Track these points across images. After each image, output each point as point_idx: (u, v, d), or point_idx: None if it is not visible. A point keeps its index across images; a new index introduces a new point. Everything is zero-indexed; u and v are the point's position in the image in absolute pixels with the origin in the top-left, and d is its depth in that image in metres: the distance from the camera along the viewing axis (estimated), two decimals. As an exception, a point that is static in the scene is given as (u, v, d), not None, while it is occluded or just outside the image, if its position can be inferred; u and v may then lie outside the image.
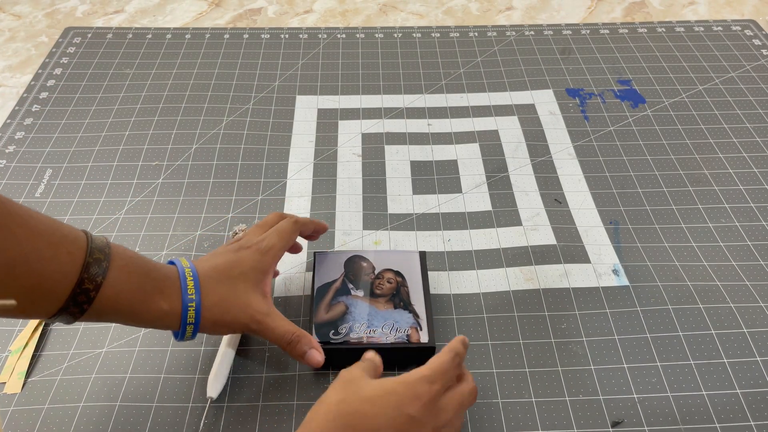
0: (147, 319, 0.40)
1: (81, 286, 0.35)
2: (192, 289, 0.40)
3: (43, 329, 0.50)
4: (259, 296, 0.43)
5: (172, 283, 0.40)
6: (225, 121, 0.70)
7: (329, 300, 0.48)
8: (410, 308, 0.48)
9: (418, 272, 0.51)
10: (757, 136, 0.68)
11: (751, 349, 0.49)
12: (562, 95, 0.74)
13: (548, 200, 0.61)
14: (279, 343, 0.43)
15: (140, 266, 0.39)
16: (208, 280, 0.42)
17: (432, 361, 0.39)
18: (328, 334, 0.46)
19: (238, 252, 0.45)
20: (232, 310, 0.42)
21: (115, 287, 0.37)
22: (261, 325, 0.42)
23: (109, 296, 0.36)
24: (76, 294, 0.35)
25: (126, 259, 0.38)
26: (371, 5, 0.92)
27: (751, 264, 0.55)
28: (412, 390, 0.37)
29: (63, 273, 0.35)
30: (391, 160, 0.66)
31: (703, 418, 0.45)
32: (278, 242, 0.46)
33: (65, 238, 0.36)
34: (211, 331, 0.43)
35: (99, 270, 0.36)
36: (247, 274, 0.43)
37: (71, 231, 0.37)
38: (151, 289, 0.39)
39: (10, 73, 0.79)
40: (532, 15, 0.90)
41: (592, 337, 0.50)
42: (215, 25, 0.87)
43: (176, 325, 0.40)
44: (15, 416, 0.45)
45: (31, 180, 0.63)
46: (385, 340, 0.46)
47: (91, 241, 0.37)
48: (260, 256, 0.45)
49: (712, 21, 0.87)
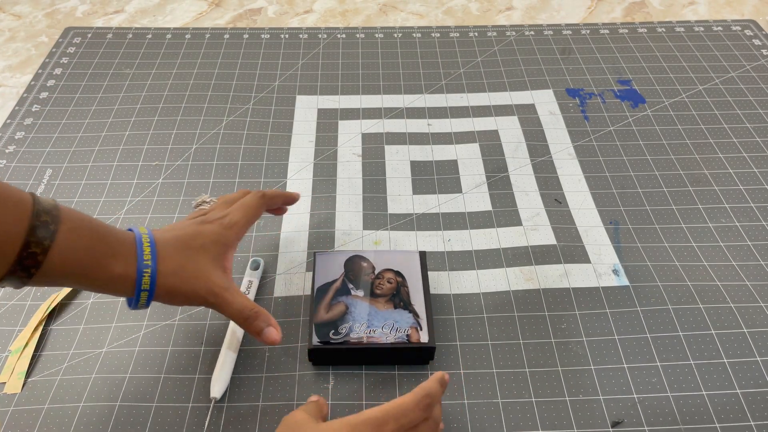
0: (99, 283, 0.38)
1: (27, 249, 0.34)
2: (149, 255, 0.39)
3: (44, 329, 0.50)
4: (219, 270, 0.42)
5: (127, 247, 0.39)
6: (225, 121, 0.70)
7: (329, 300, 0.48)
8: (410, 308, 0.48)
9: (418, 272, 0.51)
10: (757, 136, 0.69)
11: (751, 349, 0.49)
12: (562, 95, 0.74)
13: (548, 200, 0.61)
14: (236, 318, 0.42)
15: (93, 229, 0.38)
16: (167, 247, 0.41)
17: (393, 401, 0.37)
18: (329, 334, 0.46)
19: (200, 225, 0.44)
20: (189, 281, 0.41)
21: (65, 250, 0.35)
22: (218, 298, 0.41)
23: (58, 260, 0.35)
24: (23, 258, 0.34)
25: (76, 221, 0.37)
26: (371, 5, 0.92)
27: (751, 264, 0.55)
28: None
29: (7, 236, 0.33)
30: (391, 160, 0.66)
31: (703, 418, 0.45)
32: (242, 218, 0.46)
33: (8, 200, 0.34)
34: (166, 300, 0.41)
35: (46, 233, 0.34)
36: (208, 247, 0.42)
37: (15, 192, 0.35)
38: (104, 253, 0.37)
39: (10, 73, 0.79)
40: (532, 15, 0.90)
41: (592, 337, 0.50)
42: (215, 25, 0.87)
43: (130, 291, 0.39)
44: (15, 416, 0.45)
45: (31, 180, 0.63)
46: (385, 340, 0.46)
47: (37, 203, 0.35)
48: (223, 230, 0.44)
49: (712, 21, 0.87)
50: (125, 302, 0.49)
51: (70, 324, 0.51)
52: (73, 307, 0.52)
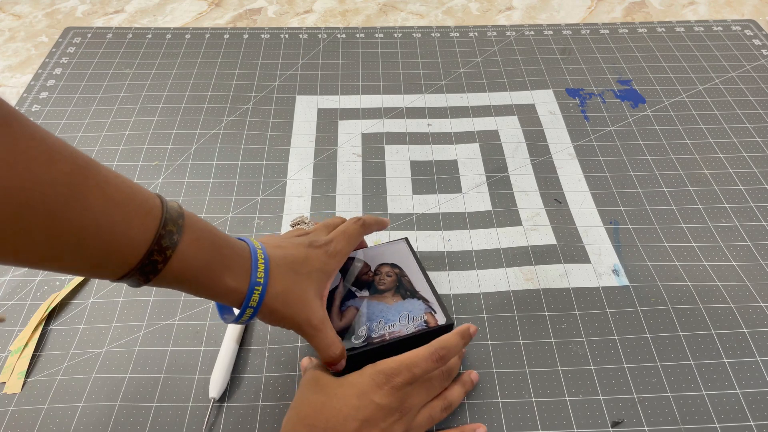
0: (211, 293, 0.38)
1: (150, 257, 0.34)
2: (262, 273, 0.39)
3: (43, 329, 0.50)
4: (319, 300, 0.42)
5: (242, 262, 0.39)
6: (225, 121, 0.70)
7: (338, 307, 0.48)
8: (418, 295, 0.48)
9: (410, 259, 0.50)
10: (757, 136, 0.68)
11: (751, 349, 0.49)
12: (562, 95, 0.74)
13: (548, 200, 0.61)
14: (321, 353, 0.42)
15: (212, 240, 0.37)
16: (278, 267, 0.40)
17: (409, 352, 0.40)
18: (351, 340, 0.45)
19: (308, 248, 0.43)
20: (292, 306, 0.40)
21: (184, 260, 0.35)
22: (315, 330, 0.41)
23: (176, 268, 0.35)
24: (144, 264, 0.34)
25: (198, 231, 0.37)
26: (371, 5, 0.92)
27: (751, 264, 0.55)
28: (373, 380, 0.38)
29: (133, 243, 0.33)
30: (391, 160, 0.66)
31: (703, 418, 0.45)
32: (345, 246, 0.45)
33: (140, 207, 0.34)
34: (266, 320, 0.41)
35: (170, 243, 0.34)
36: (313, 275, 0.42)
37: (147, 199, 0.35)
38: (220, 265, 0.37)
39: (10, 73, 0.79)
40: (532, 15, 0.90)
41: (592, 337, 0.50)
42: (215, 25, 0.87)
43: (238, 303, 0.39)
44: (15, 416, 0.45)
45: (31, 180, 0.63)
46: (406, 331, 0.45)
47: (166, 212, 0.35)
48: (327, 259, 0.43)
49: (712, 21, 0.87)
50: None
51: (70, 324, 0.51)
52: (73, 307, 0.52)
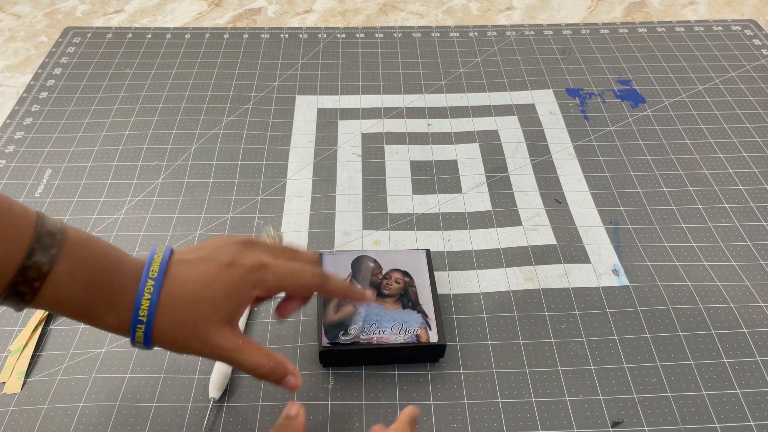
0: (96, 326, 0.35)
1: (24, 273, 0.30)
2: (145, 311, 0.34)
3: (43, 329, 0.50)
4: (225, 328, 0.36)
5: (127, 297, 0.34)
6: (225, 121, 0.70)
7: (338, 301, 0.48)
8: (419, 308, 0.48)
9: (425, 271, 0.51)
10: (757, 136, 0.68)
11: (751, 349, 0.49)
12: (562, 95, 0.74)
13: (548, 200, 0.61)
14: (253, 375, 0.38)
15: (93, 271, 0.33)
16: (169, 297, 0.35)
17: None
18: (338, 335, 0.46)
19: (221, 267, 0.37)
20: (186, 340, 0.36)
21: (59, 288, 0.32)
22: (228, 359, 0.37)
23: (52, 295, 0.32)
24: (17, 282, 0.31)
25: (78, 260, 0.33)
26: (371, 5, 0.92)
27: (751, 264, 0.55)
28: None
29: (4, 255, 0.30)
30: (391, 160, 0.66)
31: (703, 418, 0.45)
32: (278, 284, 0.39)
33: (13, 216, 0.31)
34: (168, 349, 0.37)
35: (44, 258, 0.31)
36: (218, 304, 0.36)
37: (21, 209, 0.32)
38: (99, 302, 0.33)
39: (9, 73, 0.79)
40: (532, 15, 0.90)
41: (592, 337, 0.50)
42: (215, 25, 0.87)
43: (126, 337, 0.36)
44: (15, 416, 0.45)
45: (31, 180, 0.63)
46: (395, 340, 0.46)
47: (41, 225, 0.32)
48: (244, 285, 0.37)
49: (712, 21, 0.87)
50: None
51: (69, 324, 0.51)
52: (72, 307, 0.52)
